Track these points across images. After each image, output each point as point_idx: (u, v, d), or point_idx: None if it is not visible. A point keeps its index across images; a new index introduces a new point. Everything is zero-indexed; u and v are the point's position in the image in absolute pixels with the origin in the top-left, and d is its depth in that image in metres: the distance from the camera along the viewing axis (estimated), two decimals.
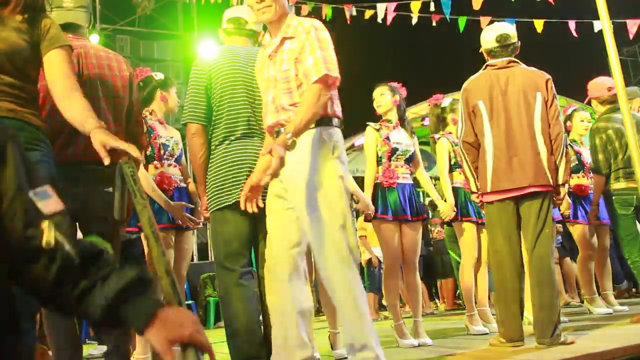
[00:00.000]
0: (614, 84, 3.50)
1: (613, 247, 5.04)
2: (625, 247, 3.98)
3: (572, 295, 5.93)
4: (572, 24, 7.30)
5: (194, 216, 3.16)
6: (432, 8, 6.88)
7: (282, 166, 2.00)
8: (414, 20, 7.08)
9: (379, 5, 7.09)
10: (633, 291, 6.37)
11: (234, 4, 2.43)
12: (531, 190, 2.87)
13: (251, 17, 2.65)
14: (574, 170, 4.48)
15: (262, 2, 2.24)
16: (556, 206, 3.17)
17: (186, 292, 7.38)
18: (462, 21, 7.09)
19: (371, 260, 7.14)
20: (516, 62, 3.06)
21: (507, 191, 2.90)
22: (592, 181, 4.44)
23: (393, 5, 7.01)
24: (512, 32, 3.10)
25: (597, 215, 4.32)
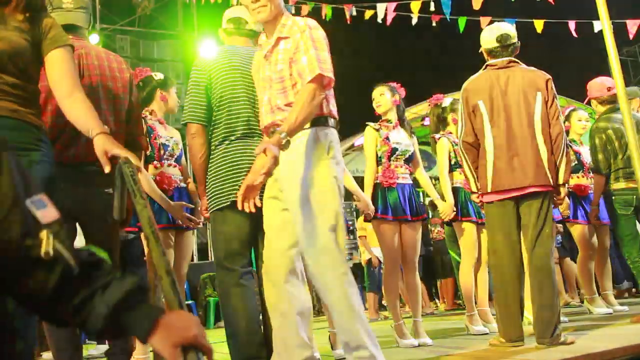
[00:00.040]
0: (614, 84, 3.50)
1: (613, 247, 5.05)
2: (625, 247, 3.98)
3: (572, 295, 5.92)
4: (572, 24, 7.30)
5: (194, 216, 3.16)
6: (432, 8, 6.88)
7: (276, 165, 1.99)
8: (414, 20, 7.08)
9: (379, 5, 7.10)
10: (633, 291, 6.37)
11: (234, 4, 2.43)
12: (531, 190, 2.87)
13: (251, 17, 2.65)
14: (574, 170, 4.48)
15: (257, 2, 2.22)
16: (557, 206, 3.17)
17: (186, 292, 7.38)
18: (462, 21, 7.10)
19: (371, 260, 7.14)
20: (516, 62, 3.06)
21: (508, 191, 2.90)
22: (592, 181, 4.44)
23: (393, 5, 7.01)
24: (512, 32, 3.10)
25: (597, 215, 4.32)
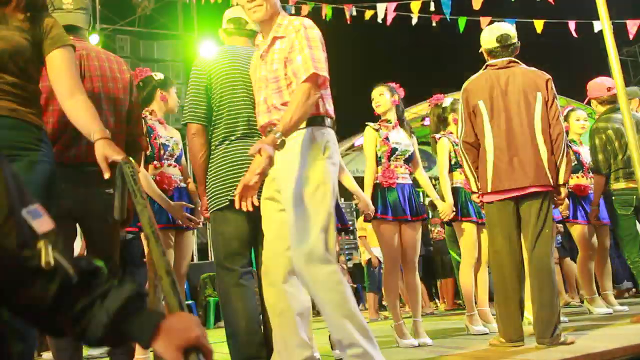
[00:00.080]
0: (614, 84, 3.50)
1: (613, 247, 5.05)
2: (625, 247, 3.98)
3: (572, 295, 5.92)
4: (572, 24, 7.31)
5: (194, 216, 3.16)
6: (432, 8, 6.89)
7: (271, 165, 1.98)
8: (414, 20, 7.09)
9: (379, 5, 7.10)
10: (633, 291, 6.37)
11: (234, 4, 2.43)
12: (532, 190, 2.87)
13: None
14: (573, 170, 4.48)
15: (253, 2, 2.22)
16: (557, 206, 3.17)
17: (186, 292, 7.38)
18: (462, 21, 7.10)
19: (371, 260, 7.15)
20: (516, 62, 3.06)
21: (508, 191, 2.90)
22: (592, 181, 4.44)
23: (393, 5, 7.02)
24: (513, 32, 3.10)
25: (598, 215, 4.32)
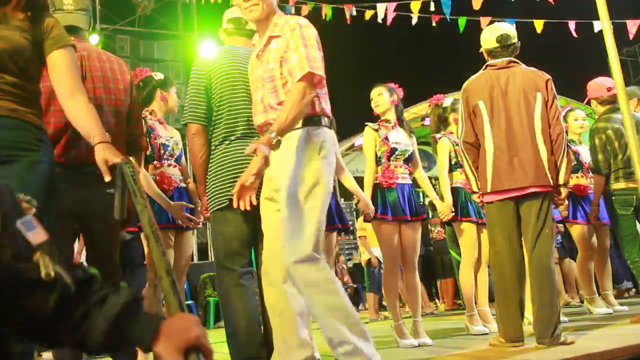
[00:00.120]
0: (614, 84, 3.50)
1: (613, 247, 5.04)
2: (625, 247, 3.98)
3: (572, 295, 5.92)
4: (572, 24, 7.31)
5: (194, 216, 3.16)
6: (432, 8, 6.89)
7: (267, 165, 1.98)
8: (414, 20, 7.09)
9: (379, 5, 7.10)
10: (633, 291, 6.36)
11: (234, 4, 2.42)
12: (532, 190, 2.87)
13: None
14: (573, 170, 4.47)
15: (249, 1, 2.22)
16: (558, 206, 3.17)
17: (186, 292, 7.38)
18: (462, 21, 7.10)
19: (371, 260, 7.15)
20: (516, 63, 3.06)
21: (508, 191, 2.90)
22: (591, 181, 4.44)
23: (393, 5, 7.02)
24: (513, 32, 3.10)
25: (597, 215, 4.32)
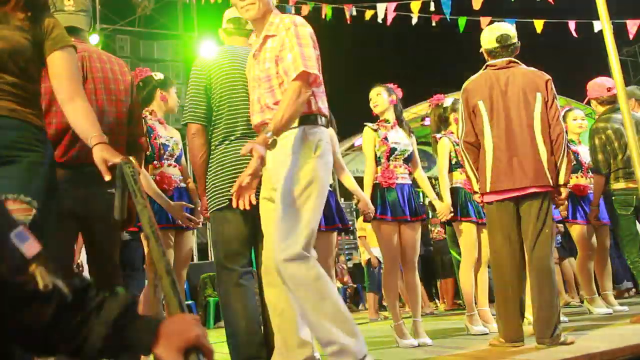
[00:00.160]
0: (614, 84, 3.50)
1: (613, 247, 5.04)
2: (625, 247, 3.98)
3: (572, 295, 5.92)
4: (572, 24, 7.31)
5: (194, 216, 3.16)
6: (432, 8, 6.89)
7: (263, 165, 1.98)
8: (414, 20, 7.10)
9: (379, 5, 7.11)
10: (633, 291, 6.36)
11: (232, 4, 2.43)
12: (531, 191, 2.87)
13: None
14: (572, 170, 4.47)
15: (245, 0, 2.22)
16: (558, 206, 3.16)
17: (186, 292, 7.39)
18: (462, 21, 7.11)
19: (370, 260, 7.15)
20: (516, 63, 3.06)
21: (507, 191, 2.90)
22: (591, 181, 4.44)
23: (393, 5, 7.02)
24: (513, 33, 3.10)
25: (597, 215, 4.32)
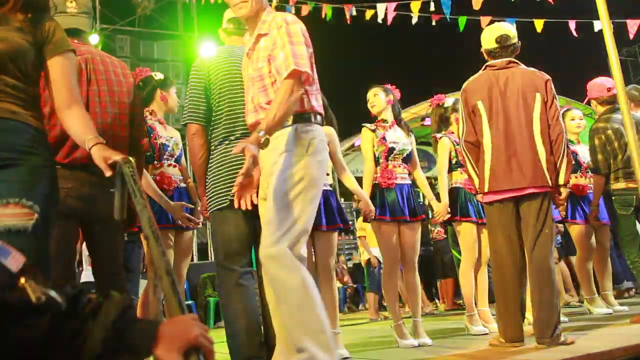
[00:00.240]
0: (614, 85, 3.50)
1: (613, 247, 5.04)
2: (624, 247, 3.98)
3: (572, 294, 5.92)
4: (572, 24, 7.32)
5: (194, 216, 3.16)
6: (432, 8, 6.90)
7: (256, 164, 1.98)
8: (414, 20, 7.10)
9: (379, 5, 7.11)
10: (633, 291, 6.36)
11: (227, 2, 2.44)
12: (530, 191, 2.87)
13: None
14: (572, 170, 4.47)
15: None
16: (558, 206, 3.16)
17: (186, 292, 7.39)
18: (462, 21, 7.11)
19: (370, 260, 7.16)
20: (516, 63, 3.06)
21: (506, 191, 2.90)
22: (590, 181, 4.44)
23: (393, 5, 7.03)
24: (513, 33, 3.09)
25: (597, 216, 4.32)
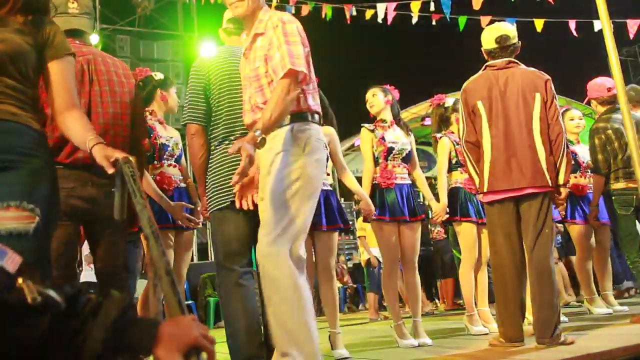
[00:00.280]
0: (614, 85, 3.50)
1: (613, 247, 5.04)
2: (624, 247, 3.98)
3: (569, 293, 5.92)
4: (572, 24, 7.32)
5: (194, 216, 3.16)
6: (432, 8, 6.90)
7: (252, 164, 1.98)
8: (414, 20, 7.10)
9: (379, 5, 7.11)
10: (633, 291, 6.36)
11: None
12: (529, 191, 2.86)
13: None
14: (571, 170, 4.47)
15: None
16: (558, 206, 3.16)
17: (186, 292, 7.39)
18: (462, 21, 7.11)
19: (370, 260, 7.16)
20: (516, 63, 3.05)
21: (505, 191, 2.90)
22: (589, 180, 4.44)
23: (393, 5, 7.03)
24: (512, 33, 3.09)
25: (597, 216, 4.32)
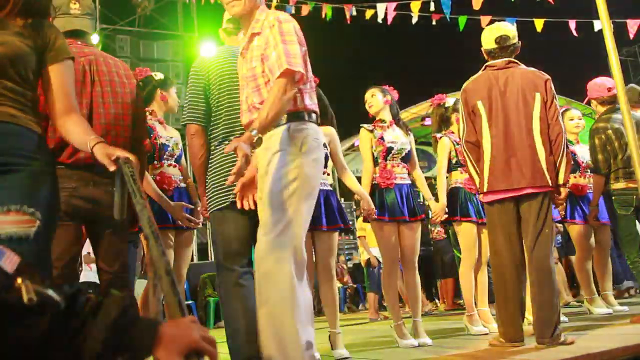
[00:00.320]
0: (614, 85, 3.50)
1: (613, 247, 5.04)
2: (624, 247, 3.98)
3: (567, 293, 5.91)
4: (572, 24, 7.32)
5: (194, 216, 3.16)
6: (432, 8, 6.90)
7: (248, 164, 1.98)
8: (414, 20, 7.10)
9: (379, 5, 7.12)
10: (633, 291, 6.36)
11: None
12: (529, 191, 2.86)
13: None
14: (571, 170, 4.47)
15: None
16: (557, 206, 3.16)
17: (186, 292, 7.39)
18: (462, 21, 7.11)
19: (370, 260, 7.16)
20: (515, 63, 3.06)
21: (505, 191, 2.90)
22: (589, 180, 4.44)
23: (393, 5, 7.03)
24: (512, 33, 3.09)
25: (597, 216, 4.32)
